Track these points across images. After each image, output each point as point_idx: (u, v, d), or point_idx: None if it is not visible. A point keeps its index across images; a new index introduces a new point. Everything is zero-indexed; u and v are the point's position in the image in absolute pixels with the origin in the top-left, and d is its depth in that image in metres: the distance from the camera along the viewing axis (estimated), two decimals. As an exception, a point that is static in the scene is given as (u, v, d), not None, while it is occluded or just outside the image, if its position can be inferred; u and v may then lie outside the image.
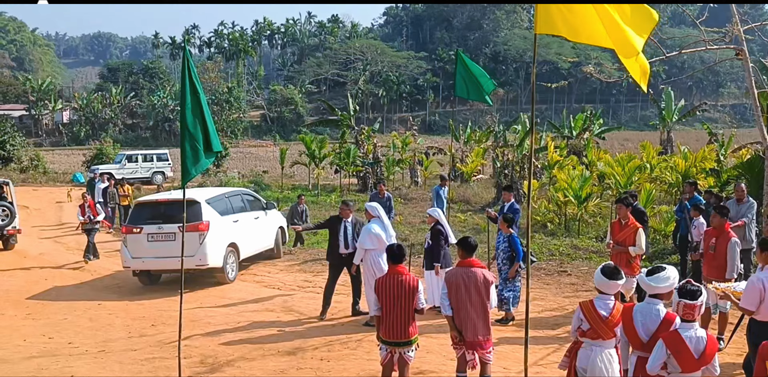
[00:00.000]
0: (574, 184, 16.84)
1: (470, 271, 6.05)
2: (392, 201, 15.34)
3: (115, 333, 9.46)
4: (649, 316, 4.85)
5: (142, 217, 12.17)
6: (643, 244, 8.61)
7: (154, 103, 72.33)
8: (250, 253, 13.49)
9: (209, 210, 12.17)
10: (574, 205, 16.80)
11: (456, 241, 7.31)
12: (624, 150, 41.56)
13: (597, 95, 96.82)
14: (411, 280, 6.02)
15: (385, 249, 6.21)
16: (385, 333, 6.01)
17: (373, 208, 9.47)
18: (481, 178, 30.96)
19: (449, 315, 6.10)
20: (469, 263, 6.11)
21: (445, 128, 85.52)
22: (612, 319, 5.04)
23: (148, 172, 34.83)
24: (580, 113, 32.60)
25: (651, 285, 4.90)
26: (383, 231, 9.24)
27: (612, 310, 5.09)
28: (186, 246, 8.19)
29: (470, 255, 6.18)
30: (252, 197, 14.52)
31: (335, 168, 31.27)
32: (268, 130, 79.90)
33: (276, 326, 9.47)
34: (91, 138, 66.36)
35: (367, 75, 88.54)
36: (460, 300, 6.03)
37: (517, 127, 32.91)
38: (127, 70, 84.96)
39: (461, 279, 6.03)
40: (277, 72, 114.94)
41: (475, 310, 6.02)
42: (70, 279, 13.38)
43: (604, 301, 5.15)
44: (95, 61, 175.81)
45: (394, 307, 5.96)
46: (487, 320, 6.11)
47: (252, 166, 45.06)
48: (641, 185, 17.11)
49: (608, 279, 5.16)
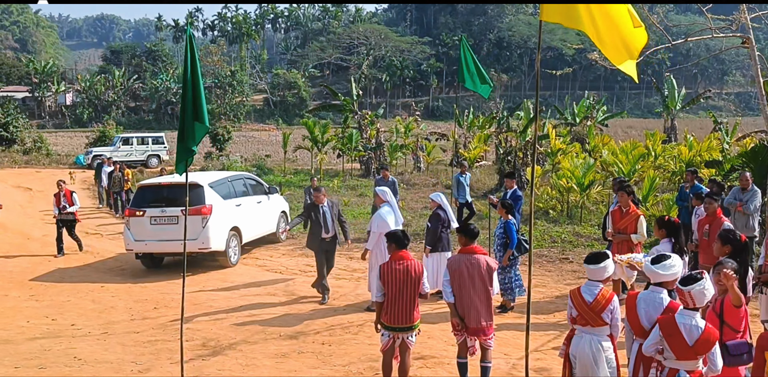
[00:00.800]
0: (576, 171, 16.80)
1: (473, 258, 6.05)
2: (397, 185, 15.31)
3: (118, 316, 9.51)
4: (652, 304, 4.84)
5: (145, 200, 12.20)
6: (645, 232, 8.61)
7: (157, 86, 72.08)
8: (252, 237, 13.55)
9: (212, 193, 12.20)
10: (577, 192, 16.78)
11: (457, 227, 7.30)
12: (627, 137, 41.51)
13: (601, 82, 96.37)
14: (416, 266, 6.01)
15: (388, 234, 6.19)
16: (389, 319, 6.00)
17: (383, 193, 9.44)
18: (483, 164, 30.93)
19: (451, 301, 6.11)
20: (471, 250, 6.12)
21: (448, 114, 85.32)
22: (596, 305, 5.05)
23: (143, 154, 34.80)
24: (583, 99, 32.43)
25: (656, 273, 4.89)
26: (393, 216, 9.24)
27: (597, 296, 5.09)
28: (189, 230, 8.26)
29: (472, 242, 6.18)
30: (254, 181, 14.55)
31: (338, 153, 31.23)
32: (270, 114, 79.69)
33: (278, 310, 9.51)
34: (94, 120, 66.30)
35: (371, 60, 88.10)
36: (463, 286, 6.04)
37: (520, 114, 32.78)
38: (130, 52, 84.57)
39: (464, 265, 6.03)
40: (281, 56, 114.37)
41: (478, 297, 6.03)
42: (73, 261, 13.42)
43: (589, 287, 5.15)
44: (98, 44, 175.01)
45: (399, 293, 5.95)
46: (490, 306, 6.13)
47: (254, 150, 45.04)
48: (644, 173, 17.09)
49: (589, 264, 5.17)
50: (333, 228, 10.06)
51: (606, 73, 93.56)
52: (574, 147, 23.14)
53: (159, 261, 12.84)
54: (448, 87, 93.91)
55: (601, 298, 5.07)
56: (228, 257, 12.31)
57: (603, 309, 5.04)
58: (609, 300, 5.09)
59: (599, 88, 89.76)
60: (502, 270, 8.89)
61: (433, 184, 24.90)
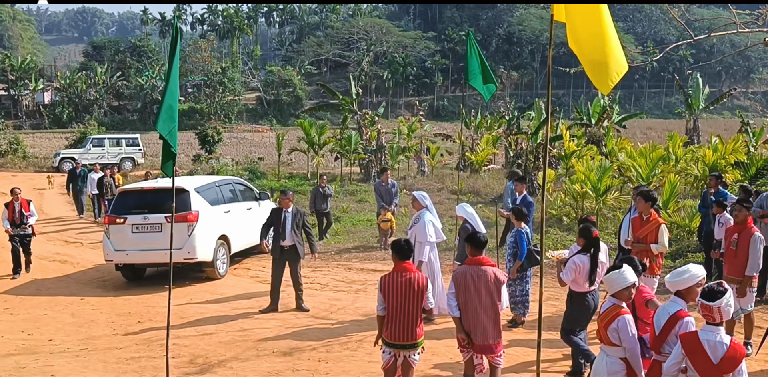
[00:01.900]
0: (592, 175, 16.79)
1: (480, 270, 6.02)
2: (397, 188, 15.47)
3: (99, 330, 9.49)
4: (664, 313, 4.88)
5: (126, 207, 12.09)
6: (666, 241, 8.58)
7: (142, 84, 72.17)
8: (241, 247, 13.46)
9: (198, 199, 12.14)
10: (592, 198, 16.76)
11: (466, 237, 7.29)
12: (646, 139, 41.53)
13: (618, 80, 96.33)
14: (419, 278, 5.95)
15: (393, 245, 6.17)
16: (389, 335, 5.96)
17: (422, 197, 9.45)
18: (492, 167, 30.93)
19: (456, 316, 6.09)
20: (478, 261, 6.08)
21: (454, 114, 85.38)
22: (603, 318, 5.06)
23: (115, 157, 34.66)
24: (597, 98, 32.43)
25: (669, 281, 4.94)
26: (436, 223, 9.28)
27: (607, 309, 5.13)
28: (173, 238, 8.19)
29: (479, 252, 6.14)
30: (244, 186, 14.49)
31: (336, 155, 31.26)
32: (264, 113, 79.76)
33: (271, 324, 9.49)
34: (74, 120, 66.28)
35: (371, 56, 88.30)
36: (469, 300, 6.01)
37: (531, 114, 32.78)
38: (114, 48, 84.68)
39: (470, 278, 6.01)
40: (275, 52, 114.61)
41: (485, 312, 6.00)
42: (51, 271, 13.41)
43: (608, 301, 5.22)
44: (79, 38, 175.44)
45: (400, 307, 5.90)
46: (498, 322, 6.10)
47: (246, 153, 45.07)
48: (665, 177, 17.07)
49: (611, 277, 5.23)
50: (292, 236, 10.08)
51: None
52: (589, 149, 23.14)
53: (141, 272, 12.77)
54: (454, 85, 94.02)
55: (609, 312, 5.07)
56: (216, 268, 12.22)
57: (607, 325, 5.03)
58: (615, 316, 5.06)
59: (616, 87, 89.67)
60: (512, 282, 8.87)
61: (438, 189, 24.89)
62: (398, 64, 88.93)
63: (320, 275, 12.65)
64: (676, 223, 14.40)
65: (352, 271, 12.90)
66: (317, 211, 16.39)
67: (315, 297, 10.92)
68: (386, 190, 15.17)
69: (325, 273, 12.80)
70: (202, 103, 71.83)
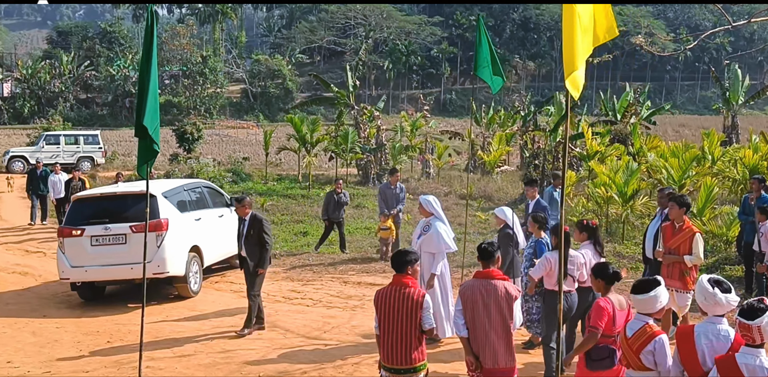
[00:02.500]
0: (617, 178, 16.80)
1: (489, 284, 5.99)
2: (405, 193, 15.44)
3: (64, 351, 9.48)
4: (716, 337, 4.83)
5: (83, 216, 11.81)
6: (701, 253, 8.57)
7: (113, 74, 72.25)
8: (214, 259, 13.28)
9: (167, 205, 11.97)
10: (618, 204, 16.77)
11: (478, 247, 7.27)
12: (679, 137, 41.60)
13: (647, 71, 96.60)
14: (416, 294, 5.88)
15: (393, 255, 6.17)
16: (384, 358, 5.94)
17: (428, 203, 9.42)
18: (506, 169, 31.01)
19: (464, 336, 6.07)
20: (487, 274, 6.05)
21: (463, 109, 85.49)
22: (634, 341, 5.05)
23: (72, 156, 34.48)
24: (625, 92, 32.47)
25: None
26: (449, 232, 9.31)
27: (637, 330, 5.10)
28: (140, 251, 8.13)
29: (489, 264, 6.12)
30: (213, 190, 14.33)
31: (330, 155, 31.28)
32: (250, 108, 79.86)
33: (257, 344, 9.49)
34: (37, 115, 66.30)
35: (370, 43, 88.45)
36: (477, 318, 5.99)
37: (550, 109, 32.83)
38: (81, 33, 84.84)
39: (478, 293, 5.98)
40: (262, 38, 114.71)
41: (495, 331, 5.96)
42: (10, 284, 13.42)
43: (635, 321, 5.23)
44: (42, 23, 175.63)
45: (393, 326, 5.86)
46: (510, 343, 6.04)
47: (230, 152, 45.15)
48: (699, 180, 17.09)
49: (637, 294, 5.24)
50: (244, 246, 10.05)
51: (653, 61, 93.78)
52: (614, 149, 23.17)
53: (101, 290, 12.52)
54: (463, 76, 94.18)
55: (641, 334, 5.05)
56: (188, 284, 11.99)
57: (641, 348, 5.02)
58: (650, 337, 5.05)
59: (645, 79, 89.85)
60: (529, 298, 8.84)
61: (444, 193, 24.91)
62: (400, 53, 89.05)
63: (312, 290, 12.66)
64: (712, 232, 14.41)
65: (348, 285, 12.90)
66: (329, 220, 16.19)
67: (306, 315, 10.93)
68: (392, 194, 15.15)
69: (317, 288, 12.80)
70: (181, 96, 71.91)
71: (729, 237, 14.22)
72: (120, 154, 42.48)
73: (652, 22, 79.79)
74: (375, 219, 17.49)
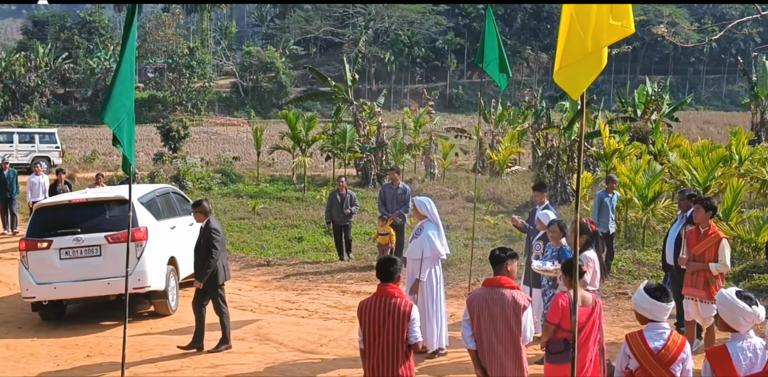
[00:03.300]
0: (637, 179, 16.79)
1: (496, 292, 6.00)
2: (409, 193, 15.00)
3: (40, 366, 9.48)
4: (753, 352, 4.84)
5: (48, 226, 11.39)
6: (728, 260, 8.56)
7: (93, 67, 72.42)
8: (187, 272, 12.78)
9: (144, 212, 11.68)
10: (638, 207, 16.76)
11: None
12: (704, 135, 41.62)
13: (669, 64, 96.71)
14: (403, 304, 5.88)
15: (377, 263, 6.16)
16: (369, 374, 5.94)
17: (422, 204, 9.39)
18: (516, 170, 30.98)
19: (471, 348, 6.09)
20: (496, 282, 6.06)
21: (470, 104, 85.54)
22: (666, 353, 5.04)
23: (26, 156, 34.12)
24: (642, 85, 32.48)
25: None
26: (442, 235, 9.30)
27: (666, 341, 5.09)
28: (117, 263, 8.04)
29: (498, 270, 6.13)
30: (180, 196, 14.13)
31: (327, 154, 31.29)
32: (240, 103, 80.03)
33: (248, 359, 9.50)
34: (11, 111, 66.51)
35: (370, 34, 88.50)
36: (483, 329, 6.00)
37: (564, 104, 32.83)
38: (59, 23, 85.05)
39: (484, 302, 5.99)
40: (253, 29, 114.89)
41: (502, 343, 5.98)
42: (-19, 293, 13.42)
43: (655, 331, 5.17)
44: (17, 12, 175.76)
45: (378, 339, 5.86)
46: (520, 357, 6.04)
47: (219, 151, 45.20)
48: (726, 182, 17.08)
49: (659, 301, 5.17)
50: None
51: (676, 53, 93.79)
52: (634, 148, 23.17)
53: (63, 309, 12.05)
54: (471, 69, 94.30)
55: (671, 345, 5.06)
56: (167, 300, 11.73)
57: (674, 359, 5.03)
58: (681, 347, 5.07)
59: (666, 72, 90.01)
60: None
61: (450, 195, 24.93)
62: (403, 44, 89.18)
63: (308, 300, 12.66)
64: (740, 238, 14.39)
65: (346, 295, 12.89)
66: (334, 224, 15.99)
67: (301, 327, 10.93)
68: (393, 195, 14.97)
69: (314, 298, 12.80)
70: (166, 91, 72.07)
71: (758, 244, 14.20)
72: (100, 153, 42.53)
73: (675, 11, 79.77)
74: (375, 224, 17.46)
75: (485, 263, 14.85)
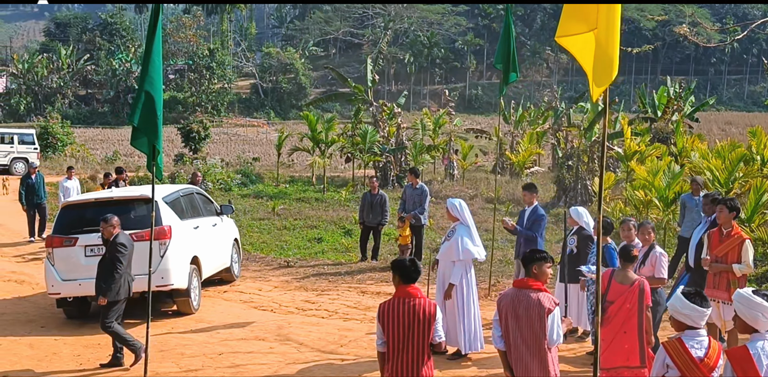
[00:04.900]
0: (658, 180, 16.69)
1: (523, 294, 5.97)
2: (428, 195, 14.99)
3: (63, 365, 9.54)
4: None
5: (74, 224, 11.53)
6: (751, 261, 8.50)
7: (115, 68, 72.87)
8: (210, 272, 13.14)
9: (168, 211, 11.83)
10: (659, 209, 16.67)
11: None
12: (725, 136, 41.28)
13: (690, 64, 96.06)
14: (427, 305, 5.88)
15: (395, 264, 6.13)
16: (392, 375, 5.91)
17: (453, 206, 9.37)
18: (536, 170, 30.91)
19: (500, 348, 6.09)
20: (524, 283, 6.04)
21: (490, 105, 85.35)
22: (708, 361, 4.99)
23: (5, 157, 33.91)
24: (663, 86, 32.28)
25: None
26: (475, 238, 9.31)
27: (707, 350, 5.04)
28: (142, 262, 8.06)
29: (528, 272, 6.10)
30: (204, 197, 14.28)
31: (346, 156, 31.33)
32: (260, 105, 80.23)
33: (269, 359, 9.51)
34: (33, 113, 67.02)
35: (390, 35, 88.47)
36: (511, 330, 5.99)
37: (584, 105, 32.72)
38: (80, 25, 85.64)
39: (511, 303, 5.98)
40: (273, 30, 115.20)
41: (526, 344, 5.95)
42: (5, 293, 13.52)
43: (695, 339, 5.09)
44: (39, 14, 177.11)
45: (403, 341, 5.84)
46: (544, 357, 5.98)
47: (239, 152, 45.34)
48: (748, 183, 16.94)
49: (700, 306, 5.10)
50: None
51: (697, 53, 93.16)
52: (655, 149, 23.05)
53: (88, 306, 12.18)
54: (490, 70, 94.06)
55: (712, 353, 5.01)
56: (190, 299, 11.84)
57: (714, 367, 4.99)
58: (720, 354, 5.03)
59: (688, 72, 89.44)
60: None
61: (470, 196, 24.89)
62: (422, 45, 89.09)
63: (328, 300, 12.67)
64: (761, 240, 14.26)
65: (366, 295, 12.90)
66: (364, 224, 15.87)
67: (322, 327, 10.94)
68: (411, 196, 14.96)
69: (333, 298, 12.81)
70: (186, 92, 72.37)
71: (782, 245, 14.07)
72: (122, 154, 42.77)
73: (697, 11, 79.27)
74: (394, 224, 17.46)
75: (506, 264, 14.87)
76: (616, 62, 5.56)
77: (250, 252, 17.00)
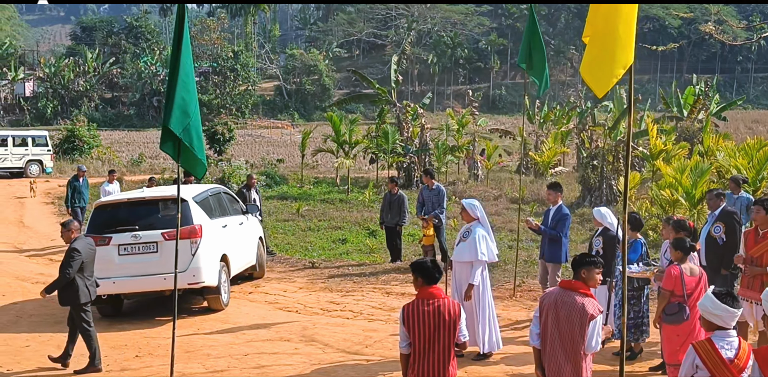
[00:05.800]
0: (684, 179, 16.57)
1: (568, 295, 5.92)
2: (444, 195, 14.92)
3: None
4: None
5: (108, 223, 11.74)
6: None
7: (141, 71, 73.38)
8: (238, 270, 13.37)
9: (198, 211, 12.01)
10: (686, 208, 16.53)
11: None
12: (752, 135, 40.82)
13: (717, 62, 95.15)
14: (451, 306, 5.89)
15: (413, 265, 6.13)
16: (417, 375, 5.91)
17: (472, 207, 9.36)
18: (561, 170, 30.76)
19: (535, 345, 6.09)
20: (571, 285, 6.00)
21: (514, 105, 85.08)
22: (738, 362, 4.94)
23: (20, 160, 33.81)
24: (690, 86, 32.05)
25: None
26: (491, 238, 9.29)
27: (738, 350, 4.99)
28: (173, 260, 8.17)
29: (577, 274, 6.06)
30: (231, 196, 14.49)
31: (370, 157, 31.34)
32: (284, 106, 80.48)
33: (294, 360, 9.53)
34: (60, 116, 67.69)
35: (413, 35, 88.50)
36: (549, 329, 5.97)
37: (609, 105, 32.52)
38: (106, 29, 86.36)
39: (554, 303, 5.95)
40: (297, 32, 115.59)
41: (562, 346, 5.92)
42: (33, 294, 13.62)
43: (725, 340, 5.03)
44: (66, 18, 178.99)
45: (429, 343, 5.85)
46: (579, 362, 5.93)
47: (263, 153, 45.50)
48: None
49: (731, 307, 5.05)
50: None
51: (723, 51, 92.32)
52: (681, 148, 22.87)
53: (121, 304, 12.47)
54: (514, 70, 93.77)
55: (742, 354, 4.97)
56: (220, 295, 12.06)
57: (744, 368, 4.95)
58: (749, 354, 4.98)
59: (714, 71, 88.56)
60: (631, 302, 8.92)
61: (494, 196, 24.81)
62: (446, 45, 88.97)
63: (353, 301, 12.67)
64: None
65: (390, 296, 12.88)
66: (385, 226, 15.82)
67: (346, 328, 10.94)
68: (429, 196, 14.91)
69: (358, 299, 12.82)
70: (211, 94, 72.72)
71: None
72: (147, 156, 43.03)
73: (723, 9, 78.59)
74: (418, 225, 17.43)
75: (530, 264, 14.80)
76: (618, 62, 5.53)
77: (275, 253, 17.01)
